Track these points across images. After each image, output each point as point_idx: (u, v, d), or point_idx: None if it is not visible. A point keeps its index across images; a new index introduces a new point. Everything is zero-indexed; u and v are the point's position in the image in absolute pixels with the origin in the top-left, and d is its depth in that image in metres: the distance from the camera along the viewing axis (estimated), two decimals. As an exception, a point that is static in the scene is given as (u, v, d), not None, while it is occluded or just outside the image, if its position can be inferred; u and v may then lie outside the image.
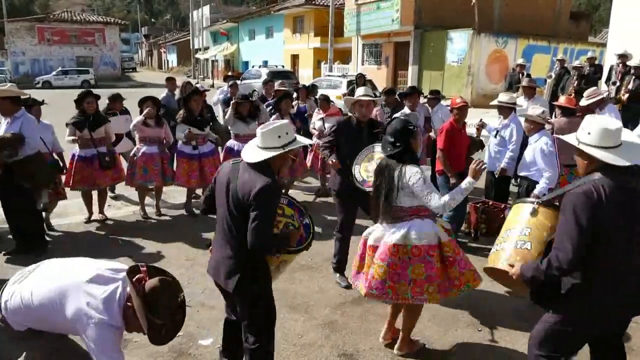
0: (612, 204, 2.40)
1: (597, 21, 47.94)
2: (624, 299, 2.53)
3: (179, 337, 3.86)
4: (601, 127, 2.51)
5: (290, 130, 2.95)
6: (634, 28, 13.60)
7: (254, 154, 2.86)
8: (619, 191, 2.42)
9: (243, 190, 2.78)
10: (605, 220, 2.41)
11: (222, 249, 2.99)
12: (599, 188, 2.41)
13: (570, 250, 2.43)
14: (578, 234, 2.41)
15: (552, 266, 2.50)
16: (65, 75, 34.97)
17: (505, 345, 3.87)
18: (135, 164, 6.58)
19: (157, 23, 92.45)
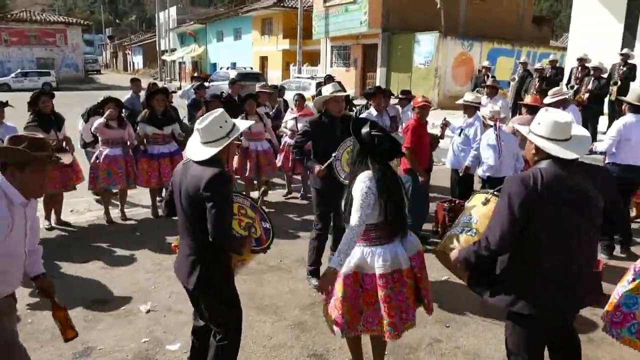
0: (547, 193, 2.41)
1: (558, 26, 49.30)
2: (561, 290, 2.51)
3: (145, 342, 3.79)
4: (551, 119, 2.53)
5: (228, 117, 2.91)
6: (592, 33, 14.08)
7: (200, 151, 2.80)
8: (557, 183, 2.43)
9: (193, 185, 2.73)
10: (537, 208, 2.42)
11: (183, 249, 2.96)
12: (537, 175, 2.44)
13: (499, 231, 2.49)
14: (508, 217, 2.45)
15: (482, 246, 2.57)
16: (24, 78, 33.79)
17: (473, 341, 3.91)
18: (98, 167, 6.41)
19: (122, 24, 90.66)
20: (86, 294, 4.57)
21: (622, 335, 2.80)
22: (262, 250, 3.18)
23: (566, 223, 2.46)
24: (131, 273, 5.08)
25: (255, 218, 3.29)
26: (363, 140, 2.98)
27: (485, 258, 2.61)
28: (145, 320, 4.16)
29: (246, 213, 3.22)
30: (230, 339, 2.98)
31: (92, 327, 4.03)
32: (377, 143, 2.96)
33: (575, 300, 2.61)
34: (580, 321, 4.17)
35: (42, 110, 6.07)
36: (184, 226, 2.89)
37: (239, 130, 2.93)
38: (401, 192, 3.01)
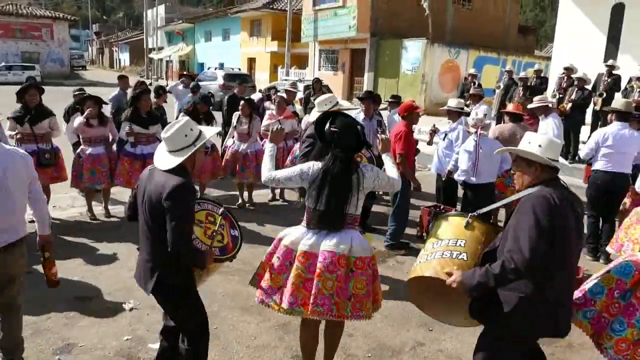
0: (563, 209, 2.44)
1: (543, 36, 50.03)
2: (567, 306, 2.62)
3: (127, 340, 3.78)
4: (550, 140, 2.61)
5: (194, 125, 2.90)
6: (576, 44, 14.34)
7: (166, 160, 2.79)
8: (565, 200, 2.49)
9: (156, 193, 2.71)
10: (560, 226, 2.41)
11: (142, 254, 2.95)
12: (552, 194, 2.45)
13: (528, 251, 2.34)
14: (538, 235, 2.35)
15: (507, 268, 2.38)
16: (8, 71, 33.27)
17: (455, 345, 3.96)
18: (82, 166, 6.33)
19: (110, 21, 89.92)
20: (69, 291, 4.52)
21: (576, 318, 2.86)
22: (227, 259, 3.14)
23: (573, 242, 2.50)
24: (114, 270, 5.05)
25: (225, 225, 3.25)
26: (324, 136, 3.10)
27: (509, 282, 2.45)
28: (127, 318, 4.14)
29: (214, 221, 3.15)
30: (195, 344, 2.97)
31: (74, 324, 3.99)
32: (337, 138, 3.06)
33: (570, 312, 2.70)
34: (560, 326, 4.26)
35: (29, 103, 6.01)
36: (144, 232, 2.89)
37: (205, 138, 2.89)
38: (346, 190, 3.03)
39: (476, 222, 2.92)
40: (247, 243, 5.81)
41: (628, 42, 13.43)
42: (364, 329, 4.12)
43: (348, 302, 3.02)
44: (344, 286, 3.01)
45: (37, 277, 4.80)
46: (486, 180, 5.52)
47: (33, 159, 5.95)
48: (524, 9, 52.90)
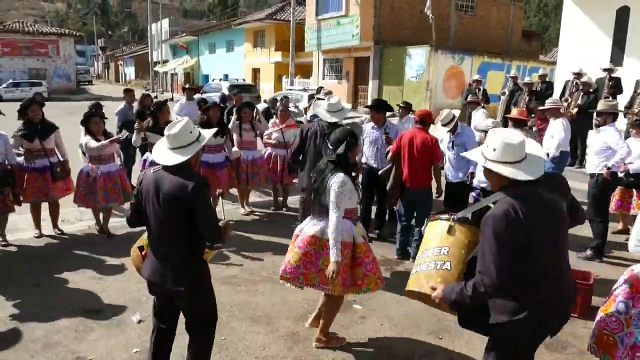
0: (530, 218, 2.38)
1: (547, 41, 50.03)
2: (556, 307, 2.55)
3: (136, 352, 3.78)
4: (504, 142, 2.51)
5: (194, 125, 3.04)
6: (581, 48, 14.29)
7: (171, 157, 2.89)
8: (533, 203, 2.43)
9: (176, 191, 2.81)
10: (526, 236, 2.38)
11: (161, 253, 2.98)
12: (516, 206, 2.39)
13: (494, 272, 2.36)
14: (500, 256, 2.36)
15: (478, 291, 2.43)
16: (16, 88, 33.60)
17: (465, 353, 3.92)
18: (95, 185, 6.22)
19: (114, 35, 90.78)
20: (77, 304, 4.53)
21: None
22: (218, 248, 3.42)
23: (549, 238, 2.46)
24: (122, 283, 5.05)
25: None
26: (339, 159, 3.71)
27: (484, 300, 2.50)
28: (136, 330, 4.13)
29: None
30: (208, 333, 3.17)
31: (83, 337, 3.99)
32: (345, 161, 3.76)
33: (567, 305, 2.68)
34: (571, 334, 4.21)
35: (32, 119, 6.05)
36: (160, 232, 2.94)
37: (207, 137, 3.04)
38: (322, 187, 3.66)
39: (458, 225, 2.93)
40: (253, 253, 5.84)
41: (634, 45, 13.37)
42: (374, 336, 4.10)
43: (316, 275, 3.64)
44: (313, 260, 3.66)
45: (46, 290, 4.82)
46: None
47: (44, 174, 6.06)
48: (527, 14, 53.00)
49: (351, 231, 3.73)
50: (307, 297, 4.78)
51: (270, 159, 7.62)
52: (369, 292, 3.82)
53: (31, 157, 6.05)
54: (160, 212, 2.87)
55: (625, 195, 6.56)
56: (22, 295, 4.72)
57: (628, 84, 10.71)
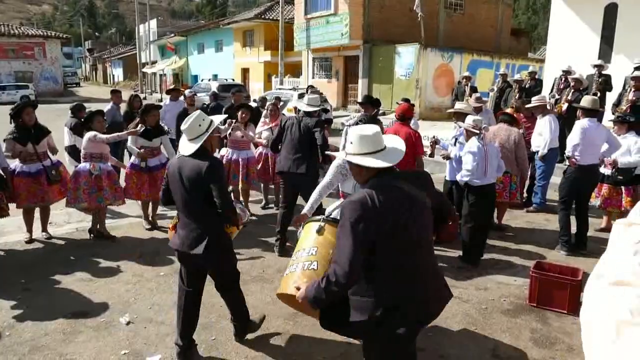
0: (386, 208, 2.35)
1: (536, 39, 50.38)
2: (418, 301, 2.47)
3: (125, 354, 3.74)
4: (359, 135, 2.51)
5: (205, 116, 3.53)
6: (569, 45, 14.39)
7: (189, 147, 3.44)
8: (393, 194, 2.41)
9: (194, 174, 3.36)
10: (382, 226, 2.34)
11: (187, 225, 3.49)
12: (373, 195, 2.36)
13: (347, 262, 2.30)
14: (353, 245, 2.30)
15: (331, 281, 2.35)
16: (2, 91, 33.21)
17: (456, 350, 3.92)
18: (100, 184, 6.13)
19: (102, 37, 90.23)
20: (65, 306, 4.48)
21: None
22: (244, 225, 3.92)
23: (407, 231, 2.41)
24: (111, 285, 5.00)
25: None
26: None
27: (337, 294, 2.41)
28: (125, 332, 4.09)
29: None
30: (236, 287, 3.81)
31: (71, 340, 3.94)
32: None
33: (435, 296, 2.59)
34: (560, 330, 4.23)
35: (26, 122, 5.97)
36: (186, 208, 3.48)
37: (215, 124, 3.53)
38: None
39: (328, 225, 2.99)
40: (243, 253, 5.80)
41: (622, 42, 13.47)
42: (365, 335, 4.09)
43: None
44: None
45: (34, 292, 4.76)
46: (488, 182, 5.50)
47: (38, 178, 5.97)
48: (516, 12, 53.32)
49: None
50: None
51: (261, 158, 7.59)
52: None
53: (24, 161, 5.97)
54: (183, 191, 3.42)
55: (613, 192, 6.55)
56: (10, 299, 4.66)
57: (616, 80, 10.78)
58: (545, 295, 4.54)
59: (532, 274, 4.61)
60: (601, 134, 5.91)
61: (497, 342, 4.02)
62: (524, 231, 6.86)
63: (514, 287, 5.05)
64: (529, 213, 7.67)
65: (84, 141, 6.14)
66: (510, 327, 4.25)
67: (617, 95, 10.30)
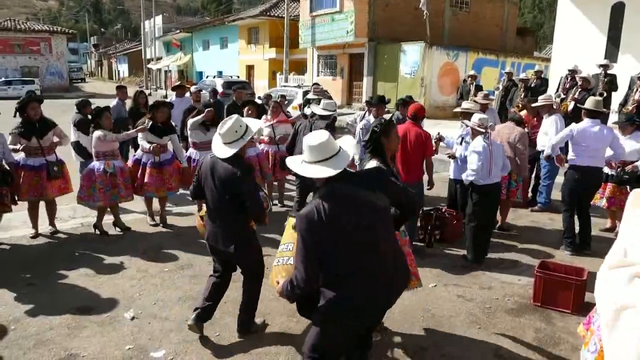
0: (333, 218, 2.50)
1: (542, 38, 50.16)
2: (367, 299, 2.64)
3: (129, 349, 3.75)
4: (307, 145, 2.65)
5: (242, 122, 3.61)
6: (575, 45, 14.33)
7: (224, 150, 3.54)
8: (340, 202, 2.55)
9: (228, 176, 3.50)
10: (330, 234, 2.53)
11: (217, 222, 3.71)
12: (320, 206, 2.52)
13: (303, 269, 2.57)
14: (306, 254, 2.55)
15: (294, 285, 2.66)
16: (8, 86, 33.36)
17: (457, 349, 3.91)
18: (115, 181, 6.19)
19: (107, 33, 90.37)
20: (70, 301, 4.50)
21: None
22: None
23: (358, 234, 2.56)
24: (116, 280, 5.02)
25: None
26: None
27: (303, 294, 2.71)
28: (129, 327, 4.10)
29: None
30: (259, 280, 3.95)
31: (76, 334, 3.96)
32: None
33: (392, 291, 2.79)
34: (564, 330, 4.22)
35: (31, 116, 5.99)
36: (217, 207, 3.66)
37: (252, 132, 3.65)
38: None
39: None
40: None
41: (629, 41, 13.41)
42: (368, 333, 4.09)
43: None
44: None
45: (39, 287, 4.79)
46: (492, 181, 5.48)
47: (40, 172, 6.00)
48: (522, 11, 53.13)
49: None
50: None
51: (263, 155, 7.61)
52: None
53: (28, 155, 6.00)
54: (214, 190, 3.59)
55: (617, 192, 6.51)
56: (15, 293, 4.69)
57: (622, 80, 10.74)
58: (549, 295, 4.54)
59: (536, 273, 4.60)
60: (602, 136, 5.75)
61: (501, 341, 4.01)
62: (528, 231, 6.84)
63: (518, 286, 5.04)
64: (534, 212, 7.65)
65: (94, 140, 6.15)
66: (514, 327, 4.24)
67: (624, 95, 10.27)
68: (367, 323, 2.86)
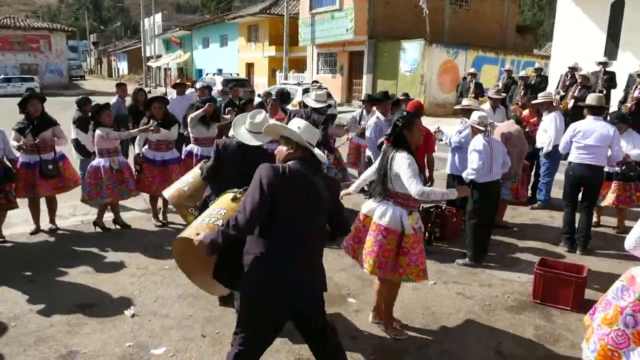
0: (290, 182, 2.71)
1: (541, 35, 50.10)
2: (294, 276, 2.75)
3: (129, 346, 3.76)
4: (309, 126, 2.91)
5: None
6: (575, 42, 14.32)
7: (252, 138, 3.84)
8: (299, 176, 2.74)
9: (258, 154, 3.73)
10: (282, 192, 2.68)
11: None
12: (285, 167, 2.76)
13: (248, 210, 2.65)
14: (258, 197, 2.65)
15: (230, 225, 2.69)
16: (7, 83, 33.34)
17: (457, 346, 3.92)
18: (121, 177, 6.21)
19: (107, 30, 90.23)
20: (70, 298, 4.51)
21: None
22: None
23: (302, 211, 2.75)
24: (116, 277, 5.02)
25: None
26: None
27: (233, 237, 2.71)
28: (129, 324, 4.11)
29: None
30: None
31: (76, 331, 3.97)
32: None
33: (308, 285, 2.84)
34: (564, 327, 4.22)
35: (31, 113, 5.99)
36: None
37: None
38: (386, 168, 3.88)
39: (242, 197, 3.15)
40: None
41: (628, 39, 13.40)
42: (367, 329, 4.10)
43: (360, 252, 3.93)
44: (362, 236, 3.92)
45: (39, 284, 4.79)
46: (493, 179, 5.47)
47: (34, 169, 5.99)
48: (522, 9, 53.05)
49: (399, 220, 3.75)
50: (301, 290, 4.79)
51: None
52: (409, 281, 3.88)
53: (24, 152, 6.01)
54: (246, 166, 3.26)
55: (622, 189, 6.49)
56: (16, 291, 4.69)
57: (622, 78, 10.74)
58: (549, 292, 4.54)
59: (536, 270, 4.61)
60: (606, 133, 5.68)
61: (501, 338, 4.02)
62: (528, 228, 6.85)
63: (518, 283, 5.05)
64: (534, 210, 7.65)
65: (96, 138, 6.14)
66: (514, 324, 4.25)
67: (623, 93, 10.27)
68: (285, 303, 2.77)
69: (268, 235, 2.73)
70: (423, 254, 3.84)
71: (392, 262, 3.78)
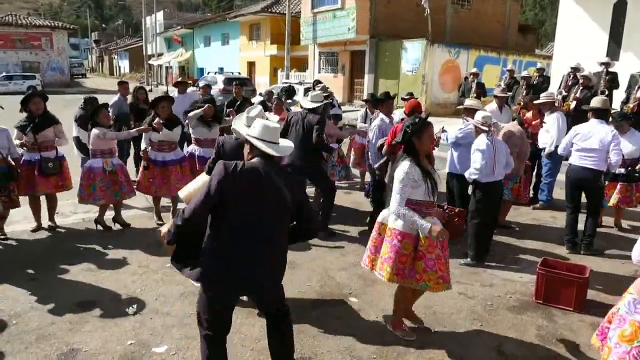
0: (242, 180, 2.78)
1: (543, 35, 50.06)
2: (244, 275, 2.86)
3: (131, 344, 3.76)
4: (266, 125, 2.97)
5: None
6: (577, 42, 14.28)
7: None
8: (255, 174, 2.82)
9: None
10: (232, 193, 2.78)
11: None
12: (239, 164, 2.83)
13: (197, 202, 2.81)
14: (207, 192, 2.79)
15: (179, 216, 2.90)
16: (9, 81, 33.33)
17: (459, 346, 3.91)
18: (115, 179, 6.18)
19: (108, 28, 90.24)
20: (72, 296, 4.51)
21: None
22: None
23: (257, 209, 2.83)
24: (117, 275, 5.02)
25: None
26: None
27: (181, 228, 2.89)
28: (131, 322, 4.11)
29: None
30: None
31: (78, 329, 3.97)
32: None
33: (252, 279, 2.91)
34: (566, 327, 4.22)
35: (33, 111, 5.99)
36: None
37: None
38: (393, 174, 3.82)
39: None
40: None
41: (630, 40, 13.36)
42: (369, 329, 4.09)
43: (377, 260, 3.85)
44: (378, 246, 3.88)
45: (41, 282, 4.79)
46: (495, 179, 5.46)
47: (35, 167, 5.99)
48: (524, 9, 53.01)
49: (414, 223, 3.60)
50: (301, 289, 4.78)
51: None
52: (427, 289, 3.72)
53: (27, 149, 6.01)
54: None
55: (625, 190, 6.49)
56: (17, 288, 4.69)
57: (624, 78, 10.70)
58: (551, 293, 4.53)
59: (538, 271, 4.60)
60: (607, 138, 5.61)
61: (503, 338, 4.01)
62: (530, 228, 6.84)
63: (520, 284, 5.04)
64: (536, 210, 7.64)
65: (92, 137, 6.10)
66: (516, 324, 4.24)
67: (626, 93, 10.24)
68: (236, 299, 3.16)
69: (219, 235, 2.85)
70: (442, 260, 3.69)
71: (410, 268, 3.70)
